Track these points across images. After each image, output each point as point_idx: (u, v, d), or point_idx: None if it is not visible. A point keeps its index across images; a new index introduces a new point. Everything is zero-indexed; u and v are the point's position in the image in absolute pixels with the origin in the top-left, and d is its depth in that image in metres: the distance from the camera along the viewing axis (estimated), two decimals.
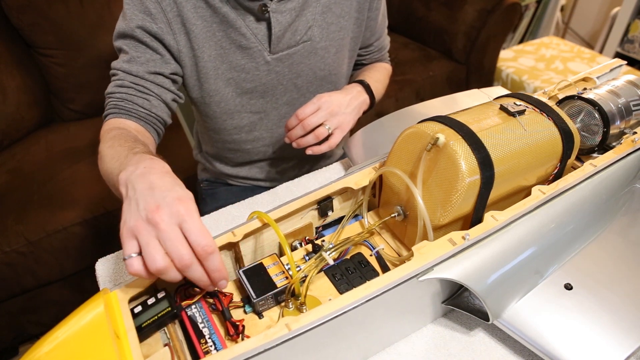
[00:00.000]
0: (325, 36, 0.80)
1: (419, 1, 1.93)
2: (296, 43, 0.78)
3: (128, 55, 0.70)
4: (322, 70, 0.83)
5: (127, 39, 0.70)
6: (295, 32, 0.76)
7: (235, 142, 0.89)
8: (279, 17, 0.73)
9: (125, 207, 0.45)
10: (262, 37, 0.75)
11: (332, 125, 0.75)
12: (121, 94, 0.70)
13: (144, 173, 0.46)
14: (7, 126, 1.46)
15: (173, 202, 0.43)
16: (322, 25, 0.78)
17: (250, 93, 0.81)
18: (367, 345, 0.51)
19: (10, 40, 1.47)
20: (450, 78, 1.84)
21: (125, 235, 0.43)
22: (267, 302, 0.51)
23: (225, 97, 0.80)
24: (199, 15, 0.71)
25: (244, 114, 0.84)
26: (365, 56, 0.95)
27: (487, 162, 0.50)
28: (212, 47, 0.74)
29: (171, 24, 0.70)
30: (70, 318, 0.44)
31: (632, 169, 0.62)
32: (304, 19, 0.76)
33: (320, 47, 0.80)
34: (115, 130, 0.65)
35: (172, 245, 0.41)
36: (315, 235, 0.61)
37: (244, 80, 0.79)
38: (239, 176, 0.97)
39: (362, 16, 0.83)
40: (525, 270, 0.52)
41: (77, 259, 1.29)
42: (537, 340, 0.48)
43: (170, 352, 0.46)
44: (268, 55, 0.77)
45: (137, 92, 0.70)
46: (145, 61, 0.70)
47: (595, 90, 0.66)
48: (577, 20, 2.59)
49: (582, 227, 0.57)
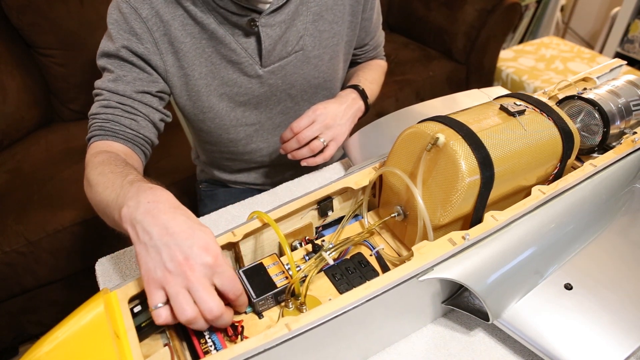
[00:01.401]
0: (318, 44, 0.78)
1: (419, 1, 1.93)
2: (288, 54, 0.76)
3: (113, 74, 0.68)
4: (316, 79, 0.82)
5: (112, 58, 0.68)
6: (287, 44, 0.75)
7: (232, 153, 0.88)
8: (269, 31, 0.72)
9: (142, 253, 0.43)
10: (252, 51, 0.73)
11: (326, 138, 0.75)
12: (107, 114, 0.67)
13: (150, 210, 0.44)
14: (7, 126, 1.46)
15: (200, 253, 0.42)
16: (314, 34, 0.77)
17: (244, 106, 0.80)
18: (367, 345, 0.51)
19: (10, 40, 1.47)
20: (450, 78, 1.84)
21: (152, 285, 0.42)
22: (267, 302, 0.51)
23: (220, 112, 0.79)
24: (187, 32, 0.70)
25: (239, 127, 0.83)
26: (360, 55, 0.94)
27: (487, 162, 0.50)
28: (202, 63, 0.73)
29: (158, 44, 0.69)
30: (70, 318, 0.44)
31: (632, 169, 0.62)
32: (294, 29, 0.75)
33: (313, 56, 0.79)
34: (102, 154, 0.62)
35: (201, 298, 0.41)
36: (315, 235, 0.61)
37: (236, 94, 0.77)
38: (237, 181, 0.97)
39: (356, 19, 0.82)
40: (525, 270, 0.52)
41: (77, 259, 1.29)
42: (537, 340, 0.48)
43: (170, 352, 0.46)
44: (260, 69, 0.75)
45: (124, 113, 0.67)
46: (131, 80, 0.68)
47: (595, 90, 0.66)
48: (577, 20, 2.60)
49: (582, 227, 0.57)
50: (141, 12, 0.67)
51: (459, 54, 1.84)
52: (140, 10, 0.67)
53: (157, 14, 0.68)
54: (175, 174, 1.37)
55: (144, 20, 0.67)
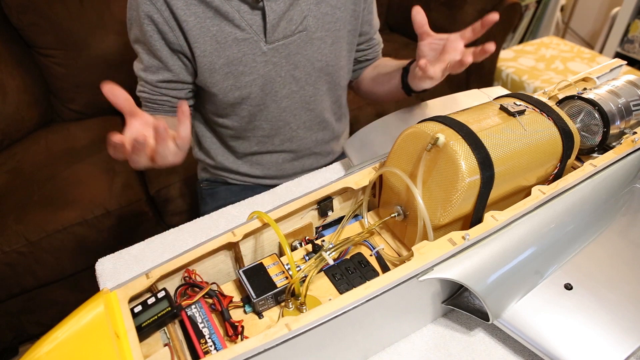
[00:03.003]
0: (320, 26, 0.80)
1: (419, 1, 1.92)
2: (292, 33, 0.78)
3: (142, 64, 0.79)
4: (319, 61, 0.84)
5: (139, 44, 0.77)
6: (291, 22, 0.77)
7: (235, 129, 0.89)
8: (273, 5, 0.74)
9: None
10: (257, 27, 0.76)
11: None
12: (146, 98, 0.83)
13: None
14: (7, 126, 1.46)
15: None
16: (317, 16, 0.79)
17: (249, 87, 0.81)
18: (367, 345, 0.51)
19: (10, 40, 1.47)
20: (450, 78, 1.83)
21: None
22: (267, 302, 0.51)
23: (224, 90, 0.81)
24: (191, 12, 0.72)
25: (243, 106, 0.84)
26: (366, 50, 0.95)
27: (487, 162, 0.50)
28: (207, 42, 0.75)
29: (168, 21, 0.73)
30: (70, 318, 0.44)
31: (632, 169, 0.62)
32: (298, 8, 0.77)
33: (316, 38, 0.81)
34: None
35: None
36: (315, 235, 0.61)
37: (241, 73, 0.79)
38: (239, 172, 0.98)
39: (359, 8, 0.84)
40: (525, 270, 0.52)
41: (77, 259, 1.29)
42: (537, 340, 0.48)
43: (170, 352, 0.46)
44: (264, 46, 0.77)
45: (158, 96, 0.82)
46: (156, 70, 0.79)
47: (595, 90, 0.66)
48: (577, 20, 2.59)
49: (582, 227, 0.57)
50: None
51: None
52: None
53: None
54: (175, 173, 1.37)
55: (153, 1, 0.71)
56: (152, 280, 0.49)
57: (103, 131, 1.54)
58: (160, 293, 0.49)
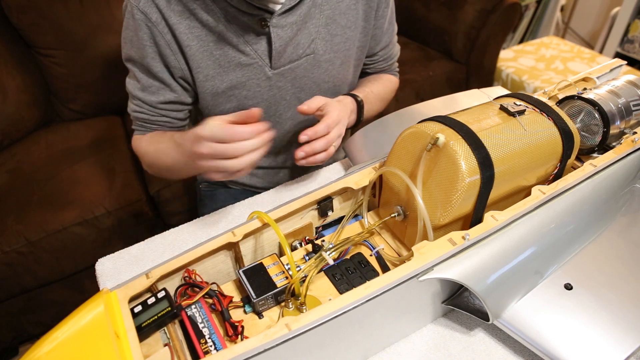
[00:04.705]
0: (329, 48, 0.77)
1: (419, 1, 1.93)
2: (298, 57, 0.75)
3: (140, 83, 0.74)
4: (326, 83, 0.81)
5: (135, 64, 0.73)
6: (298, 46, 0.74)
7: None
8: (280, 32, 0.71)
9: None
10: (262, 52, 0.73)
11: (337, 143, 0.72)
12: (141, 119, 0.79)
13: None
14: (7, 126, 1.46)
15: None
16: (326, 38, 0.76)
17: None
18: (367, 345, 0.51)
19: (10, 40, 1.47)
20: (450, 78, 1.84)
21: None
22: (267, 302, 0.51)
23: (226, 112, 0.77)
24: (194, 35, 0.70)
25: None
26: (369, 65, 0.91)
27: (487, 162, 0.50)
28: (209, 66, 0.73)
29: (170, 45, 0.70)
30: (70, 318, 0.44)
31: (632, 169, 0.62)
32: (306, 32, 0.74)
33: (324, 60, 0.78)
34: (147, 138, 0.78)
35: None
36: (315, 235, 0.62)
37: (245, 97, 0.77)
38: (237, 182, 0.97)
39: (369, 25, 0.80)
40: (525, 270, 0.52)
41: (77, 259, 1.29)
42: (537, 340, 0.48)
43: (170, 352, 0.46)
44: (269, 71, 0.75)
45: (156, 117, 0.78)
46: (155, 91, 0.75)
47: (595, 90, 0.66)
48: (577, 20, 2.59)
49: (582, 227, 0.57)
50: (151, 16, 0.68)
51: (459, 54, 1.84)
52: (150, 14, 0.68)
53: (164, 18, 0.68)
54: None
55: (155, 24, 0.68)
56: (152, 280, 0.49)
57: (103, 131, 1.54)
58: (160, 293, 0.49)
